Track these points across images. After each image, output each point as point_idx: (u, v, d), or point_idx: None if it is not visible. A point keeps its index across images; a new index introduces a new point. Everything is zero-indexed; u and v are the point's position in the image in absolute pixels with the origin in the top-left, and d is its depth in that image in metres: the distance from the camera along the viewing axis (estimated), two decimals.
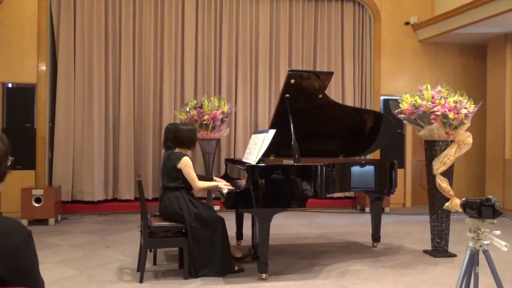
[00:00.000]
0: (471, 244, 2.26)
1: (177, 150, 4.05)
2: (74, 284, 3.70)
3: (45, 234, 5.54)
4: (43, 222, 6.12)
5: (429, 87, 4.59)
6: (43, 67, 6.85)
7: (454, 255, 4.66)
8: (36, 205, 6.06)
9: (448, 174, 4.64)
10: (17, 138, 6.39)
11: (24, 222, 5.91)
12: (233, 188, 3.97)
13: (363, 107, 7.85)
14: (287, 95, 4.31)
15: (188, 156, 4.00)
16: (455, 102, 4.45)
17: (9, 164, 1.39)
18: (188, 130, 4.11)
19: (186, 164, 3.91)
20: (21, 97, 6.77)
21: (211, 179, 4.42)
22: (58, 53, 6.99)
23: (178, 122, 6.00)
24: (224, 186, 4.03)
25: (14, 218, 1.37)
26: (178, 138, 4.05)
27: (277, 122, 4.35)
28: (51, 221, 6.14)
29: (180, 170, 3.91)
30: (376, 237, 5.07)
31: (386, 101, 7.74)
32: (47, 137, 6.92)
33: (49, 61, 6.97)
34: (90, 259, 4.48)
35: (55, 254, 4.62)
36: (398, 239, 5.51)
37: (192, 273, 3.82)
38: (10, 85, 6.84)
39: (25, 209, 6.05)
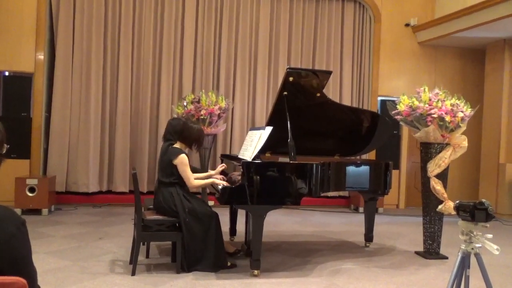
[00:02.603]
0: (463, 246, 2.27)
1: (177, 145, 4.05)
2: (66, 275, 3.70)
3: (38, 224, 5.53)
4: (37, 212, 6.10)
5: (426, 89, 4.61)
6: (41, 56, 6.82)
7: (446, 257, 4.69)
8: (30, 194, 6.04)
9: (442, 176, 4.66)
10: (13, 127, 6.37)
11: (18, 211, 5.89)
12: (228, 183, 3.97)
13: (361, 107, 7.87)
14: (285, 93, 4.31)
15: (185, 153, 3.98)
16: (452, 105, 4.47)
17: (4, 151, 1.39)
18: (198, 129, 4.09)
19: (182, 162, 3.89)
20: (18, 85, 6.73)
21: (205, 172, 4.42)
22: (57, 42, 6.95)
23: (176, 116, 6.00)
24: (220, 181, 4.03)
25: (8, 206, 1.36)
26: (185, 134, 4.03)
27: (274, 119, 4.36)
28: (45, 211, 6.13)
29: (175, 166, 3.90)
30: (369, 237, 5.09)
31: (383, 102, 7.76)
32: (43, 127, 6.89)
33: (47, 51, 6.94)
34: (82, 250, 4.48)
35: (48, 244, 4.62)
36: (391, 239, 5.53)
37: (185, 267, 3.82)
38: (7, 73, 6.80)
39: (18, 198, 6.03)
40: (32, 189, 6.06)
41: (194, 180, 3.95)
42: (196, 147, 4.17)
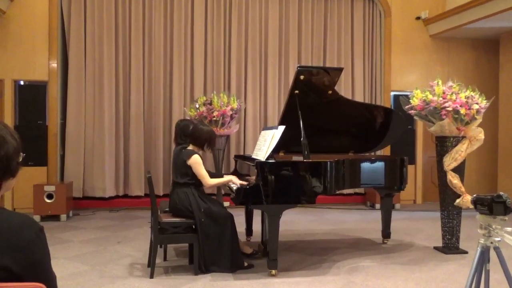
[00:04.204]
0: (482, 241, 2.24)
1: (190, 147, 4.07)
2: (85, 279, 3.74)
3: (57, 229, 5.61)
4: (55, 218, 6.18)
5: (440, 83, 4.55)
6: (54, 64, 6.91)
7: (465, 252, 4.63)
8: (48, 201, 6.13)
9: (459, 170, 4.60)
10: (29, 134, 6.48)
11: (36, 218, 5.98)
12: (243, 183, 3.98)
13: (373, 103, 7.81)
14: (297, 91, 4.31)
15: (199, 154, 4.00)
16: (467, 97, 4.40)
17: (20, 160, 1.41)
18: (208, 131, 4.10)
19: (195, 162, 3.92)
20: (33, 94, 6.84)
21: (220, 177, 4.42)
22: (69, 50, 7.04)
23: (189, 118, 6.02)
24: (237, 180, 4.03)
25: (26, 213, 1.38)
26: (195, 137, 4.05)
27: (287, 118, 4.35)
28: (63, 217, 6.21)
29: (189, 167, 3.93)
30: (386, 233, 5.05)
31: (396, 97, 7.68)
32: (59, 134, 6.99)
33: (60, 58, 7.03)
34: (101, 254, 4.53)
35: (66, 250, 4.68)
36: (409, 235, 5.48)
37: (202, 268, 3.84)
38: (22, 83, 6.91)
39: (37, 205, 6.12)
40: (50, 196, 6.15)
41: (210, 178, 3.97)
42: (209, 148, 4.17)
